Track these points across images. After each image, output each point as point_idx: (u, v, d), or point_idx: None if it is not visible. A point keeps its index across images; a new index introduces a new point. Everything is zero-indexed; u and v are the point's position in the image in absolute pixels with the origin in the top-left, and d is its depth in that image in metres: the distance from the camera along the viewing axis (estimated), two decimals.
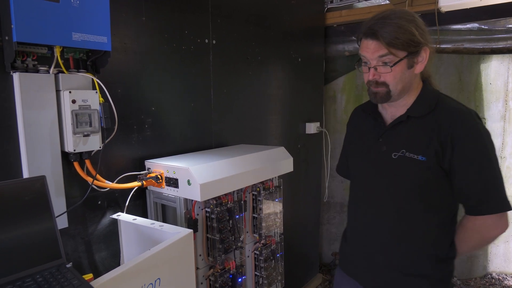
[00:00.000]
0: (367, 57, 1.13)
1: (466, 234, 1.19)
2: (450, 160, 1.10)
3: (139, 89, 1.59)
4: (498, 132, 2.95)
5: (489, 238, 1.16)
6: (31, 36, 1.10)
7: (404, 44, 1.07)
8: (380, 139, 1.23)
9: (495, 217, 1.11)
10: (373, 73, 1.13)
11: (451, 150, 1.09)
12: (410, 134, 1.16)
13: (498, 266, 3.12)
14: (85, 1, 1.20)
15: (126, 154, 1.55)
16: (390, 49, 1.07)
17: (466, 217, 1.19)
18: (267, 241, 1.84)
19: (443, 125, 1.10)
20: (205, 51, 1.89)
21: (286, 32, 2.48)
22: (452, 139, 1.09)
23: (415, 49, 1.09)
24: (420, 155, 1.12)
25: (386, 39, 1.07)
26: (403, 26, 1.06)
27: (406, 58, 1.09)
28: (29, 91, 1.19)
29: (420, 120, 1.15)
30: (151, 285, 1.04)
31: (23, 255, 0.91)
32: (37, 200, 0.96)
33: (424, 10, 2.40)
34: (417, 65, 1.13)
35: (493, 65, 2.85)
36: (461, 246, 1.21)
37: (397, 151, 1.17)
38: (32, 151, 1.21)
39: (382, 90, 1.14)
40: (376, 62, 1.12)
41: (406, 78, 1.13)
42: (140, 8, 1.57)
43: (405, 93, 1.17)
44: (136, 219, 1.39)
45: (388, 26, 1.07)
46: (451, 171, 1.11)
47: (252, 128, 2.26)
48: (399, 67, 1.10)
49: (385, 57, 1.09)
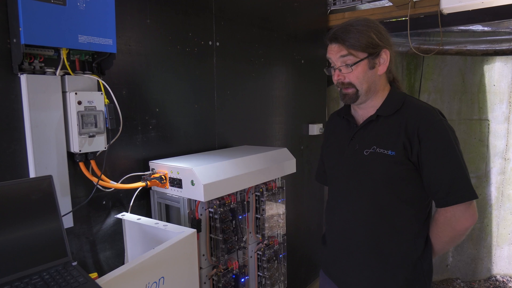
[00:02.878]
0: (331, 59, 1.25)
1: (439, 228, 1.23)
2: (418, 154, 1.16)
3: (144, 90, 1.61)
4: (502, 133, 2.94)
5: (461, 231, 1.19)
6: (39, 39, 1.12)
7: (363, 46, 1.18)
8: (352, 138, 1.30)
9: (464, 207, 1.15)
10: (337, 73, 1.24)
11: (418, 144, 1.16)
12: (380, 132, 1.24)
13: (502, 268, 3.10)
14: (91, 4, 1.22)
15: (130, 154, 1.57)
16: (350, 50, 1.19)
17: (437, 211, 1.23)
18: (270, 241, 1.85)
19: (410, 121, 1.18)
20: (209, 53, 1.91)
21: (290, 34, 2.50)
22: (418, 133, 1.16)
23: (374, 50, 1.20)
24: (389, 149, 1.19)
25: (346, 42, 1.19)
26: (362, 31, 1.19)
27: (366, 59, 1.20)
28: (36, 93, 1.21)
29: (388, 119, 1.24)
30: (155, 283, 1.05)
31: (30, 253, 0.93)
32: (44, 199, 0.98)
33: (426, 12, 2.41)
34: (379, 66, 1.23)
35: (496, 67, 2.85)
36: (436, 242, 1.25)
37: (369, 148, 1.24)
38: (39, 151, 1.23)
39: (351, 91, 1.24)
40: (340, 64, 1.22)
41: (370, 79, 1.22)
42: (145, 10, 1.59)
43: (372, 94, 1.25)
44: (141, 219, 1.41)
45: (348, 31, 1.19)
46: (419, 164, 1.17)
47: (256, 129, 2.27)
48: (360, 67, 1.20)
49: (346, 58, 1.20)
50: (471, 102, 2.91)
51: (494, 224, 3.05)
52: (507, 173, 2.96)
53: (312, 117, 2.82)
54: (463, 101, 2.92)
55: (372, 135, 1.25)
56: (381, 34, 1.21)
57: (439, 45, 2.54)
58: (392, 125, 1.21)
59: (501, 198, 3.02)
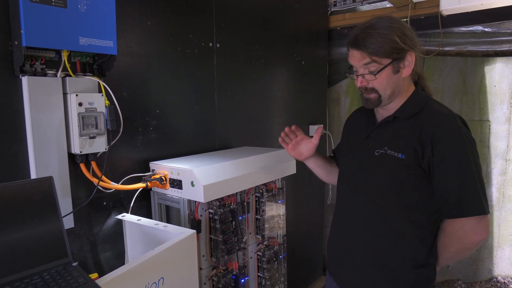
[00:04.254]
0: (354, 65, 1.19)
1: (446, 239, 1.18)
2: (429, 160, 1.12)
3: (144, 92, 1.62)
4: (503, 134, 2.94)
5: (469, 244, 1.14)
6: (40, 41, 1.13)
7: (387, 52, 1.12)
8: (368, 137, 1.28)
9: (474, 221, 1.10)
10: (360, 80, 1.19)
11: (430, 150, 1.11)
12: (394, 133, 1.21)
13: (503, 269, 3.09)
14: (92, 6, 1.23)
15: (131, 155, 1.58)
16: (373, 57, 1.12)
17: (445, 221, 1.19)
18: (270, 242, 1.86)
19: (425, 126, 1.14)
20: (209, 55, 1.92)
21: (290, 35, 2.50)
22: (432, 139, 1.11)
23: (399, 55, 1.13)
24: (400, 152, 1.16)
25: (369, 49, 1.12)
26: (385, 35, 1.11)
27: (390, 65, 1.14)
28: (37, 94, 1.22)
29: (405, 121, 1.20)
30: (154, 284, 1.06)
31: (31, 254, 0.93)
32: (45, 200, 0.99)
33: (426, 13, 2.41)
34: (404, 69, 1.17)
35: (497, 68, 2.84)
36: (442, 253, 1.21)
37: (380, 148, 1.21)
38: (40, 153, 1.24)
39: (373, 96, 1.19)
40: (363, 70, 1.17)
41: (394, 83, 1.17)
42: (145, 12, 1.60)
43: (396, 97, 1.21)
44: (141, 219, 1.41)
45: (370, 36, 1.12)
46: (430, 171, 1.13)
47: (256, 130, 2.27)
48: (384, 74, 1.15)
49: (370, 65, 1.14)
50: (472, 103, 2.91)
51: (495, 225, 3.04)
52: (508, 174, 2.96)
53: (313, 118, 2.82)
54: (464, 102, 2.92)
55: (385, 136, 1.22)
56: (406, 35, 1.13)
57: (439, 46, 2.54)
58: (407, 128, 1.18)
59: (502, 199, 3.02)
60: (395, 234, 1.20)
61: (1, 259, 0.89)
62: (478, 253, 3.11)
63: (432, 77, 2.91)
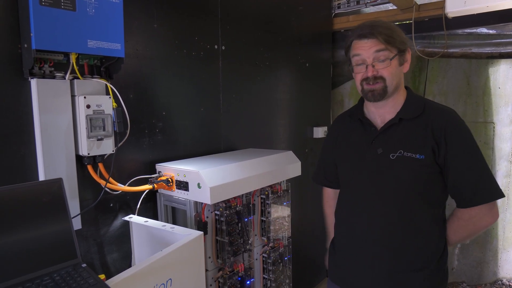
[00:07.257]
0: (363, 55, 1.21)
1: (460, 225, 1.25)
2: (444, 156, 1.17)
3: (151, 94, 1.63)
4: (507, 136, 2.93)
5: (482, 227, 1.22)
6: (49, 44, 1.14)
7: (397, 42, 1.19)
8: (373, 142, 1.27)
9: (490, 206, 1.17)
10: (371, 69, 1.21)
11: (445, 146, 1.17)
12: (405, 135, 1.23)
13: (508, 272, 3.08)
14: (100, 10, 1.24)
15: (137, 157, 1.59)
16: (386, 45, 1.18)
17: (459, 210, 1.23)
18: (275, 244, 1.86)
19: (435, 124, 1.19)
20: (214, 57, 1.93)
21: (294, 37, 2.51)
22: (445, 136, 1.17)
23: (403, 47, 1.21)
24: (418, 153, 1.19)
25: (383, 36, 1.17)
26: (394, 27, 1.21)
27: (398, 55, 1.20)
28: (45, 97, 1.23)
29: (411, 122, 1.23)
30: (162, 285, 1.07)
31: (41, 255, 0.94)
32: (54, 201, 1.00)
33: (431, 15, 2.42)
34: (405, 63, 1.24)
35: (501, 69, 2.84)
36: (452, 237, 1.28)
37: (395, 152, 1.23)
38: (48, 155, 1.25)
39: (379, 85, 1.21)
40: (373, 59, 1.20)
41: (398, 76, 1.23)
42: (152, 15, 1.61)
43: (396, 92, 1.25)
44: (148, 221, 1.42)
45: (382, 27, 1.19)
46: (445, 166, 1.18)
47: (261, 132, 2.28)
48: (394, 63, 1.20)
49: (381, 53, 1.18)
50: (476, 105, 2.90)
51: (500, 228, 3.03)
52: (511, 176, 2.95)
53: (317, 120, 2.83)
54: (468, 104, 2.92)
55: (396, 139, 1.23)
56: (403, 34, 1.24)
57: (443, 48, 2.54)
58: (417, 128, 1.21)
59: (507, 201, 3.01)
60: (418, 233, 1.24)
61: (12, 260, 0.89)
62: (483, 255, 3.10)
63: (436, 79, 2.91)
